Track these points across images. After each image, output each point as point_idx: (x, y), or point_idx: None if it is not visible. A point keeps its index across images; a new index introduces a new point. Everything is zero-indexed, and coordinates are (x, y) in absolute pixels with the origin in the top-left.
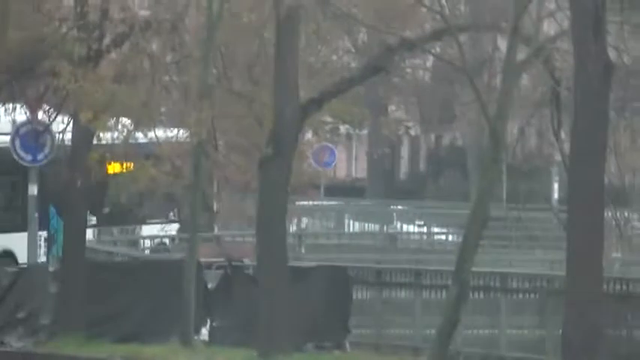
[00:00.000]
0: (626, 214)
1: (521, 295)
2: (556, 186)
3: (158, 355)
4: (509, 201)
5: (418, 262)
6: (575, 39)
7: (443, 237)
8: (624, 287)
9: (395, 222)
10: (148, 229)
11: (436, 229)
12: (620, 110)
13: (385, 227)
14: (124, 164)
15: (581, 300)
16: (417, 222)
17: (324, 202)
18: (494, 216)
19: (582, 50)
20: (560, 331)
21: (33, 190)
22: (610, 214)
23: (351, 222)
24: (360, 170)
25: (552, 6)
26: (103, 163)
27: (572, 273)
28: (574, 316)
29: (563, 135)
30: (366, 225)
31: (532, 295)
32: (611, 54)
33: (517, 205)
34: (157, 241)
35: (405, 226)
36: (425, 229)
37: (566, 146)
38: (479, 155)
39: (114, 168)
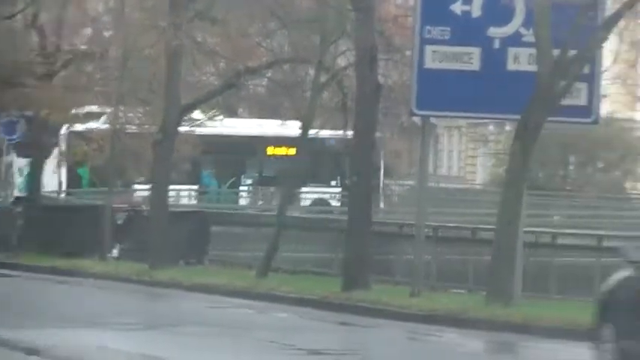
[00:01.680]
0: (387, 181)
1: (320, 232)
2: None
3: (84, 266)
4: None
5: (256, 209)
6: (357, 69)
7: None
8: (385, 227)
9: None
10: None
11: None
12: (385, 114)
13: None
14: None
15: (356, 236)
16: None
17: None
18: None
19: (362, 76)
20: (343, 254)
21: (8, 159)
22: (378, 180)
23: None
24: None
25: (344, 47)
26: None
27: (352, 218)
28: (352, 246)
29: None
30: None
31: (327, 232)
32: (380, 79)
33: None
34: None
35: None
36: None
37: None
38: None
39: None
